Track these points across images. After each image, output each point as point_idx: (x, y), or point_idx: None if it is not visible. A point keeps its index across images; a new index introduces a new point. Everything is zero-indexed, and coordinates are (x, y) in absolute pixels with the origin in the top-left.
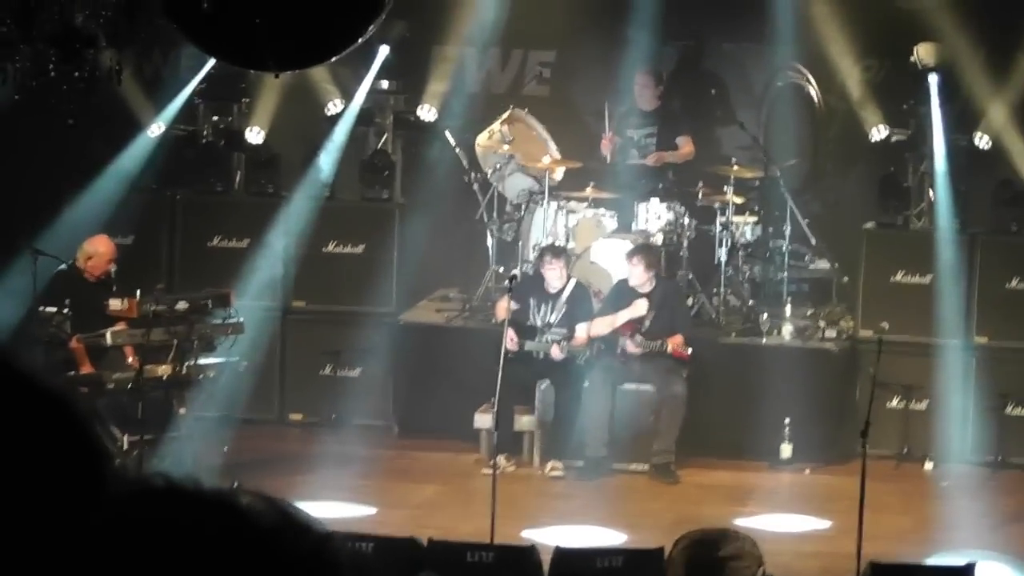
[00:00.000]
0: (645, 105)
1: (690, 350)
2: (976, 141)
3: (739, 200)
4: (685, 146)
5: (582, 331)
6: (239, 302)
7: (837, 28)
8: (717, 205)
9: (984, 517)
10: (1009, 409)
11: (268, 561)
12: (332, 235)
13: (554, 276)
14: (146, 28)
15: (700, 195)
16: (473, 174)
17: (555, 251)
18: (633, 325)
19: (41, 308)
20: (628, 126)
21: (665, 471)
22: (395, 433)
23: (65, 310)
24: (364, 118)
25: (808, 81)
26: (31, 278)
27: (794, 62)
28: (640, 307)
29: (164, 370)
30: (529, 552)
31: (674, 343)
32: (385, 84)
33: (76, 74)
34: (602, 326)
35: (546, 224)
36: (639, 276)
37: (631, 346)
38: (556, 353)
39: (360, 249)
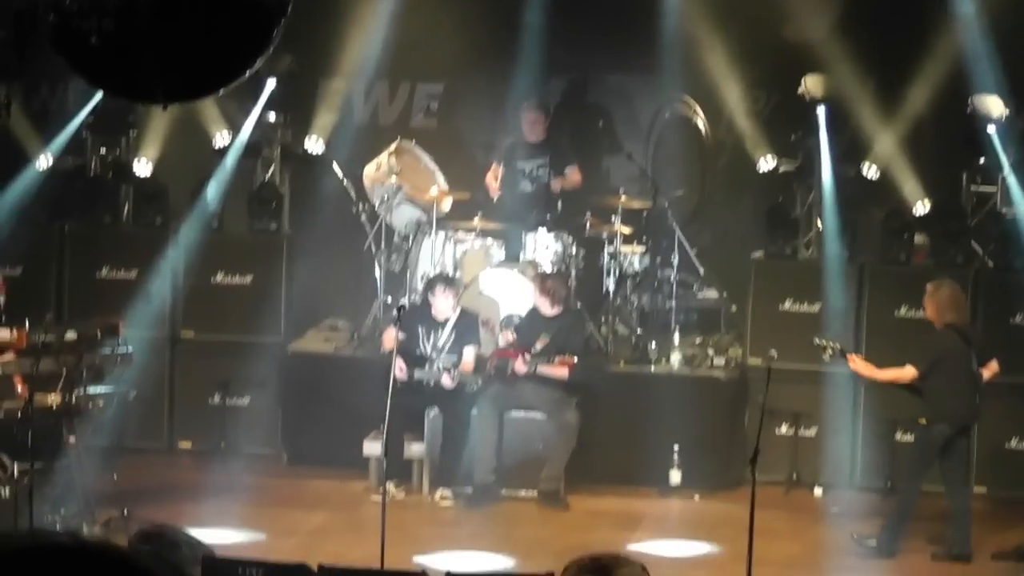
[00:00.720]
0: (534, 138)
1: (575, 359)
2: (864, 171)
3: (627, 230)
4: (573, 174)
5: (469, 355)
6: (128, 332)
7: (725, 60)
8: (605, 235)
9: (874, 543)
10: (898, 436)
11: None
12: (220, 266)
13: (444, 305)
14: (35, 62)
15: (588, 225)
16: (361, 205)
17: (446, 281)
18: (522, 349)
19: None
20: (517, 158)
21: (553, 497)
22: (284, 461)
23: None
24: (252, 150)
25: (696, 112)
26: None
27: (682, 93)
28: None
29: (53, 399)
30: None
31: (559, 357)
32: (272, 116)
33: None
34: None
35: (434, 255)
36: (540, 301)
37: (519, 364)
38: (447, 381)
39: (248, 280)
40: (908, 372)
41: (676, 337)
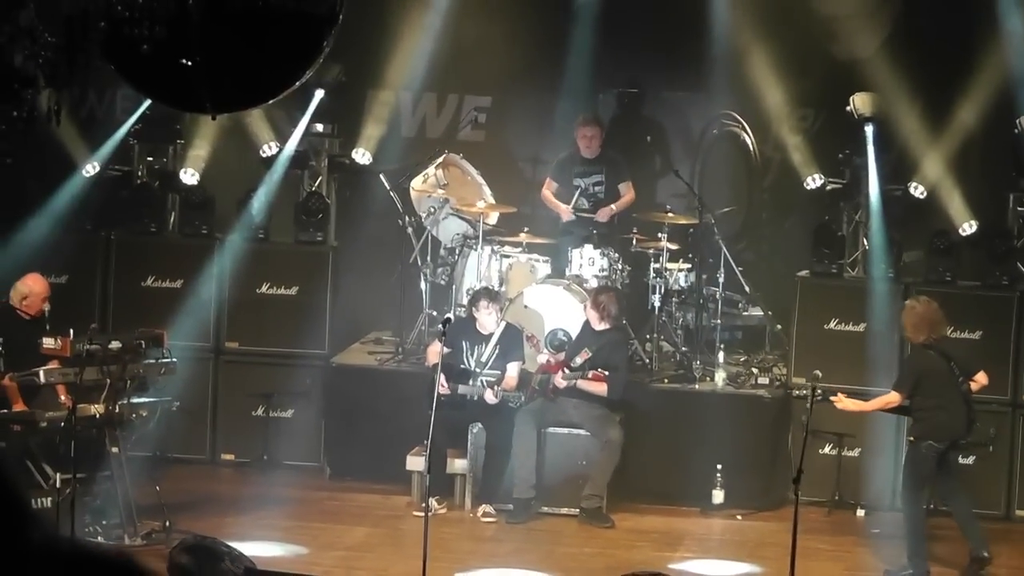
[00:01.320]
0: (589, 153)
1: (606, 373)
2: (911, 191)
3: (673, 247)
4: (627, 192)
5: (513, 370)
6: (172, 342)
7: (773, 77)
8: (651, 252)
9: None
10: None
11: None
12: (266, 277)
13: (488, 320)
14: (85, 70)
15: (634, 241)
16: (407, 218)
17: (490, 295)
18: (562, 364)
19: None
20: (573, 175)
21: (597, 515)
22: (326, 475)
23: None
24: (299, 161)
25: (744, 130)
26: None
27: (730, 111)
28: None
29: (97, 409)
30: None
31: (593, 372)
32: (320, 127)
33: (15, 114)
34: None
35: (479, 268)
36: (590, 315)
37: (559, 379)
38: (490, 397)
39: (293, 291)
40: (893, 397)
41: (720, 355)
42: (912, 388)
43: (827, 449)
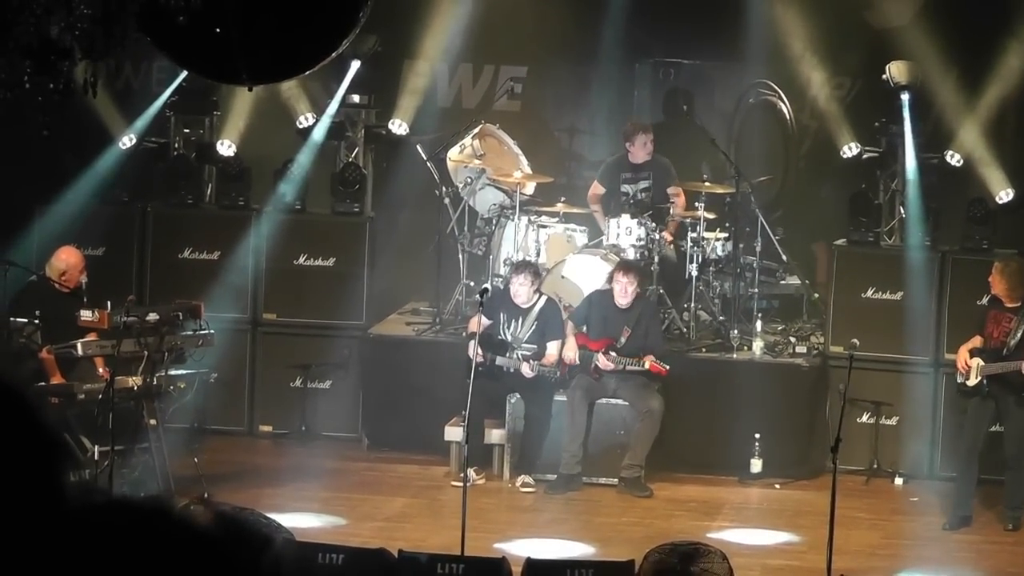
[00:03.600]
0: (643, 156)
1: (667, 366)
2: (948, 159)
3: (710, 216)
4: (678, 197)
5: (553, 349)
6: (210, 314)
7: (809, 46)
8: (688, 221)
9: (953, 533)
10: None
11: (206, 566)
12: (303, 248)
13: (523, 292)
14: (122, 41)
15: (671, 211)
16: (444, 188)
17: (524, 268)
18: (607, 342)
19: (11, 319)
20: (621, 181)
21: (636, 484)
22: (365, 445)
23: (36, 321)
24: (335, 132)
25: (780, 99)
26: (0, 290)
27: (766, 80)
28: (569, 348)
29: (134, 381)
30: (500, 564)
31: (651, 360)
32: (356, 98)
33: (51, 86)
34: (563, 349)
35: (516, 238)
36: (627, 293)
37: (604, 362)
38: (526, 371)
39: (331, 262)
40: None
41: (758, 324)
42: None
43: (865, 418)
